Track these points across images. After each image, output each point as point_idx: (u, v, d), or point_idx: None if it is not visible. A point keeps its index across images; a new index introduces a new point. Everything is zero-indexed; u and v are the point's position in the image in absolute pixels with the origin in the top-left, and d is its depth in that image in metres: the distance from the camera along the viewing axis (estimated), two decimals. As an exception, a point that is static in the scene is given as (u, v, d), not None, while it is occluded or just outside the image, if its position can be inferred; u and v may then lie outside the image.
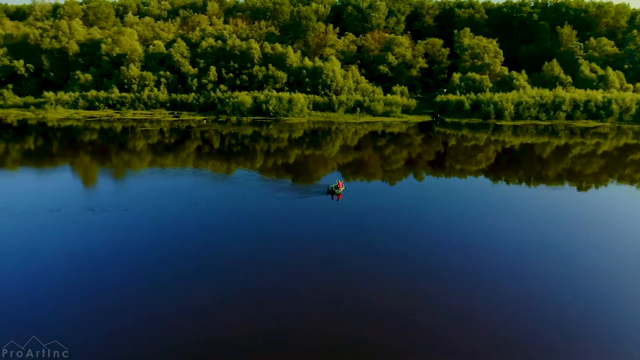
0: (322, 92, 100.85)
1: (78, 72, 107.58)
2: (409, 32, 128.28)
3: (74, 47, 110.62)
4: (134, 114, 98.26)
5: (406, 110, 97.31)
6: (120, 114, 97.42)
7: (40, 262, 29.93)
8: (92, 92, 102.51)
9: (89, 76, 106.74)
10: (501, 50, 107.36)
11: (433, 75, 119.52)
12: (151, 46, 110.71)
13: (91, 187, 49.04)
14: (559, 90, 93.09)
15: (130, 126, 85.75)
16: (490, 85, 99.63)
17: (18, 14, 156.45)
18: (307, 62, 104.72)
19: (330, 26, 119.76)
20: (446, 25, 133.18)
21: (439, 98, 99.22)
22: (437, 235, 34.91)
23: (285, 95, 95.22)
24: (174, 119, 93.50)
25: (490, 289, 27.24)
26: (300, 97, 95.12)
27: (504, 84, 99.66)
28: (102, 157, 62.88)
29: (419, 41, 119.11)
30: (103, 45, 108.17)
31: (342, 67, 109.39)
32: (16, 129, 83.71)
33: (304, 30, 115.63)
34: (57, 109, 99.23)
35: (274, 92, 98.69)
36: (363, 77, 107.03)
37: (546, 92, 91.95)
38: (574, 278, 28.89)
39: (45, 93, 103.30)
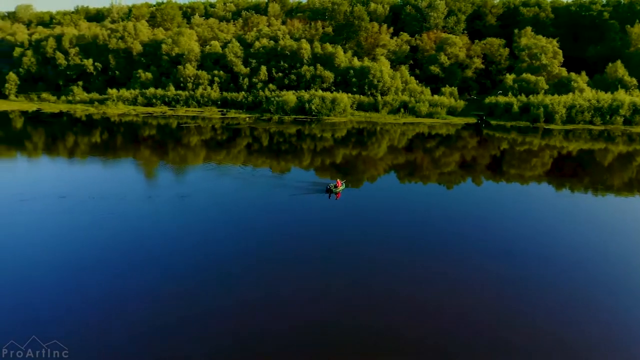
0: (369, 92, 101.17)
1: (140, 70, 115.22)
2: (465, 32, 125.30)
3: (137, 47, 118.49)
4: (186, 111, 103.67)
5: (452, 112, 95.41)
6: (173, 111, 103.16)
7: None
8: (151, 90, 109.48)
9: (149, 75, 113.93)
10: (560, 51, 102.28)
11: (491, 76, 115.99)
12: (208, 46, 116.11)
13: (151, 180, 52.24)
14: (619, 94, 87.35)
15: (184, 122, 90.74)
16: (546, 87, 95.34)
17: (97, 16, 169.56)
18: (355, 62, 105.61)
19: (385, 26, 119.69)
20: (509, 24, 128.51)
21: (487, 100, 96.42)
22: (517, 245, 33.33)
23: (329, 94, 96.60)
24: (221, 116, 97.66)
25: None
26: (343, 97, 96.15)
27: (561, 86, 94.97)
28: (160, 151, 67.07)
29: (476, 41, 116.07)
30: (164, 46, 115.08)
31: (392, 67, 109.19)
32: (84, 123, 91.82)
33: (357, 30, 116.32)
34: (117, 105, 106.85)
35: (320, 91, 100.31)
36: (413, 78, 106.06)
37: (603, 95, 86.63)
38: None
39: (110, 90, 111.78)
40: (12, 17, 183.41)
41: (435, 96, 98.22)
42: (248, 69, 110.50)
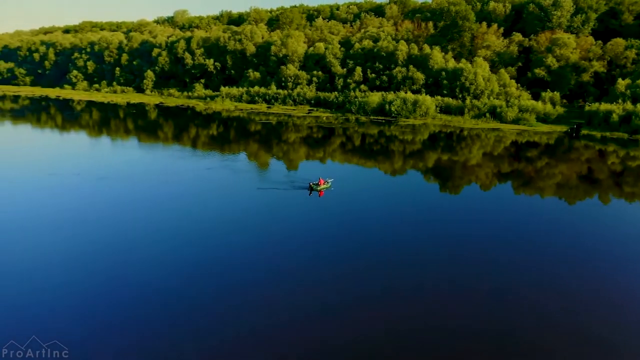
0: (460, 95, 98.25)
1: (250, 70, 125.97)
2: (591, 32, 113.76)
3: (251, 49, 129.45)
4: (282, 108, 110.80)
5: (544, 119, 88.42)
6: (268, 108, 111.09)
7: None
8: (255, 88, 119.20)
9: (257, 74, 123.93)
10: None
11: (614, 81, 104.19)
12: (311, 48, 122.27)
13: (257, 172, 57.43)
14: None
15: (282, 120, 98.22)
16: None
17: (239, 20, 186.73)
18: (449, 64, 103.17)
19: (495, 26, 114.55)
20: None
21: (587, 107, 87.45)
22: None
23: (411, 96, 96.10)
24: (305, 114, 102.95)
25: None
26: (426, 100, 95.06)
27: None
28: (266, 146, 74.36)
29: (599, 42, 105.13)
30: (273, 47, 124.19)
31: (493, 69, 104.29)
32: (204, 117, 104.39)
33: (460, 31, 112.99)
34: (224, 102, 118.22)
35: (409, 93, 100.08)
36: (513, 81, 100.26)
37: None
38: None
39: (222, 88, 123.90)
40: (170, 21, 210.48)
41: (529, 101, 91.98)
42: (345, 69, 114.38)
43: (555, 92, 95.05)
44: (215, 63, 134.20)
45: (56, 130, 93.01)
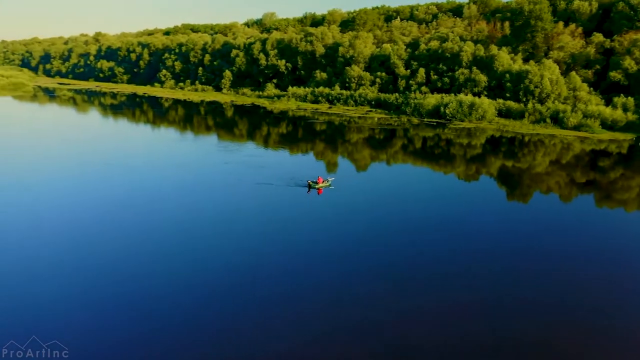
0: (523, 99, 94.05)
1: (318, 71, 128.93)
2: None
3: (320, 50, 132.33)
4: (342, 108, 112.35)
5: (612, 126, 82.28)
6: (329, 108, 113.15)
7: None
8: (320, 89, 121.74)
9: (324, 75, 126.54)
10: None
11: None
12: (377, 49, 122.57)
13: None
14: None
15: (346, 120, 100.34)
16: None
17: (319, 22, 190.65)
18: (514, 66, 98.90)
19: (572, 26, 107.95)
20: None
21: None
22: None
23: (467, 98, 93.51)
24: (363, 115, 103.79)
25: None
26: (483, 102, 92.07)
27: None
28: (331, 145, 77.47)
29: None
30: (341, 49, 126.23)
31: (566, 71, 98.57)
32: (267, 116, 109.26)
33: (533, 31, 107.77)
34: (289, 101, 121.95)
35: (470, 95, 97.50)
36: (585, 85, 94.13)
37: None
38: None
39: (290, 88, 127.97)
40: (258, 23, 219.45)
41: (596, 107, 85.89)
42: (408, 71, 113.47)
43: (629, 98, 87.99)
44: (287, 64, 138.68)
45: (148, 124, 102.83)
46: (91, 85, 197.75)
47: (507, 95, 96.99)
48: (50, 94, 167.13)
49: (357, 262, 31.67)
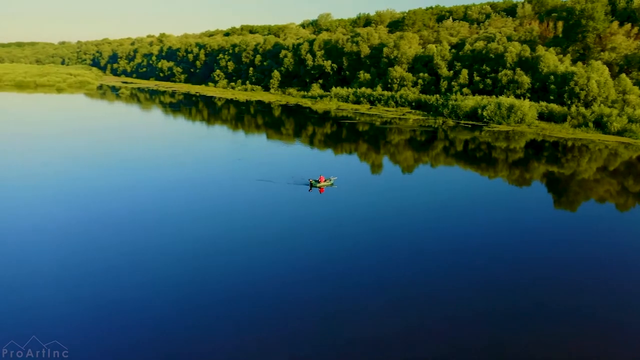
0: (568, 102, 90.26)
1: (362, 71, 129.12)
2: None
3: (365, 50, 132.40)
4: (382, 109, 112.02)
5: (659, 131, 77.50)
6: (369, 109, 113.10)
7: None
8: (362, 89, 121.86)
9: (367, 75, 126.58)
10: None
11: None
12: (422, 50, 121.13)
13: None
14: None
15: (381, 120, 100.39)
16: None
17: (371, 22, 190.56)
18: (559, 68, 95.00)
19: (628, 26, 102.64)
20: None
21: None
22: None
23: (506, 100, 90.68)
24: (400, 116, 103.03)
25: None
26: (524, 105, 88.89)
27: None
28: (373, 146, 77.64)
29: None
30: (385, 49, 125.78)
31: (617, 73, 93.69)
32: (319, 116, 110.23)
33: (584, 31, 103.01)
34: (331, 102, 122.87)
35: (512, 97, 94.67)
36: (636, 88, 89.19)
37: None
38: None
39: (333, 88, 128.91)
40: (314, 24, 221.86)
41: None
42: (451, 72, 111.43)
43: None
44: (333, 64, 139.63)
45: (204, 122, 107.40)
46: (151, 84, 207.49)
47: (551, 97, 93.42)
48: (114, 92, 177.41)
49: (395, 270, 30.85)
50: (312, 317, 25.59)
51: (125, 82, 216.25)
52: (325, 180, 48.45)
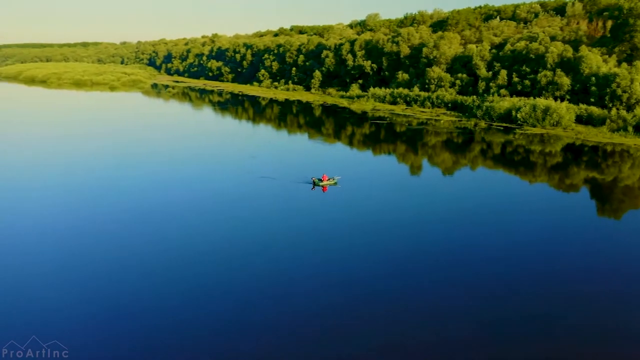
0: (609, 105, 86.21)
1: (400, 72, 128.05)
2: None
3: (405, 50, 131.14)
4: (418, 110, 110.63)
5: None
6: (404, 110, 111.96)
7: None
8: (399, 90, 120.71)
9: (406, 76, 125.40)
10: None
11: None
12: (461, 50, 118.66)
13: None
14: None
15: (416, 122, 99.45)
16: None
17: (419, 22, 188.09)
18: (602, 69, 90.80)
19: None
20: None
21: None
22: None
23: (542, 102, 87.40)
24: (434, 117, 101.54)
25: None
26: (560, 107, 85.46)
27: None
28: (412, 148, 77.44)
29: None
30: (424, 49, 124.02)
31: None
32: (352, 115, 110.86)
33: (632, 30, 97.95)
34: (368, 102, 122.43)
35: (550, 99, 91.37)
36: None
37: None
38: None
39: (371, 89, 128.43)
40: (362, 24, 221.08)
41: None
42: (490, 73, 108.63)
43: None
44: (372, 64, 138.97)
45: (250, 120, 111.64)
46: (199, 83, 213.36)
47: (591, 100, 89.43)
48: (165, 89, 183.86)
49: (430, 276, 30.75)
50: (321, 323, 25.18)
51: (176, 81, 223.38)
52: (328, 179, 48.73)
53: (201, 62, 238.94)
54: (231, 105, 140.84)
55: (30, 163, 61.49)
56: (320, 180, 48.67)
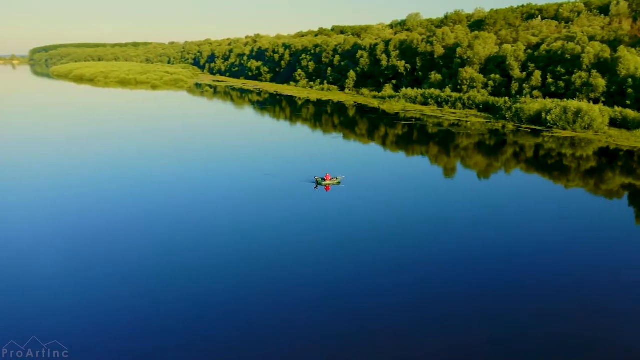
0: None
1: (434, 72, 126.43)
2: None
3: (439, 51, 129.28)
4: (448, 111, 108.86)
5: None
6: (434, 111, 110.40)
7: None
8: (431, 90, 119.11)
9: (438, 76, 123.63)
10: None
11: None
12: (496, 50, 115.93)
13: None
14: None
15: (443, 123, 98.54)
16: None
17: (455, 21, 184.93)
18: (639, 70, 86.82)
19: None
20: None
21: None
22: None
23: (574, 104, 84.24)
24: (460, 119, 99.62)
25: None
26: (593, 110, 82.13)
27: None
28: (444, 149, 76.59)
29: None
30: (458, 49, 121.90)
31: None
32: (380, 116, 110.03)
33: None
34: (399, 102, 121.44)
35: (585, 101, 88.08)
36: None
37: None
38: None
39: (403, 89, 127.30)
40: (402, 24, 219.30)
41: None
42: (524, 73, 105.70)
43: None
44: (406, 65, 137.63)
45: (287, 120, 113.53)
46: (239, 82, 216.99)
47: (627, 102, 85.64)
48: (208, 88, 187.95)
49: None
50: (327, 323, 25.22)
51: (218, 81, 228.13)
52: (331, 179, 48.80)
53: (242, 62, 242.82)
54: (269, 104, 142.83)
55: (35, 165, 60.37)
56: (323, 179, 48.82)
